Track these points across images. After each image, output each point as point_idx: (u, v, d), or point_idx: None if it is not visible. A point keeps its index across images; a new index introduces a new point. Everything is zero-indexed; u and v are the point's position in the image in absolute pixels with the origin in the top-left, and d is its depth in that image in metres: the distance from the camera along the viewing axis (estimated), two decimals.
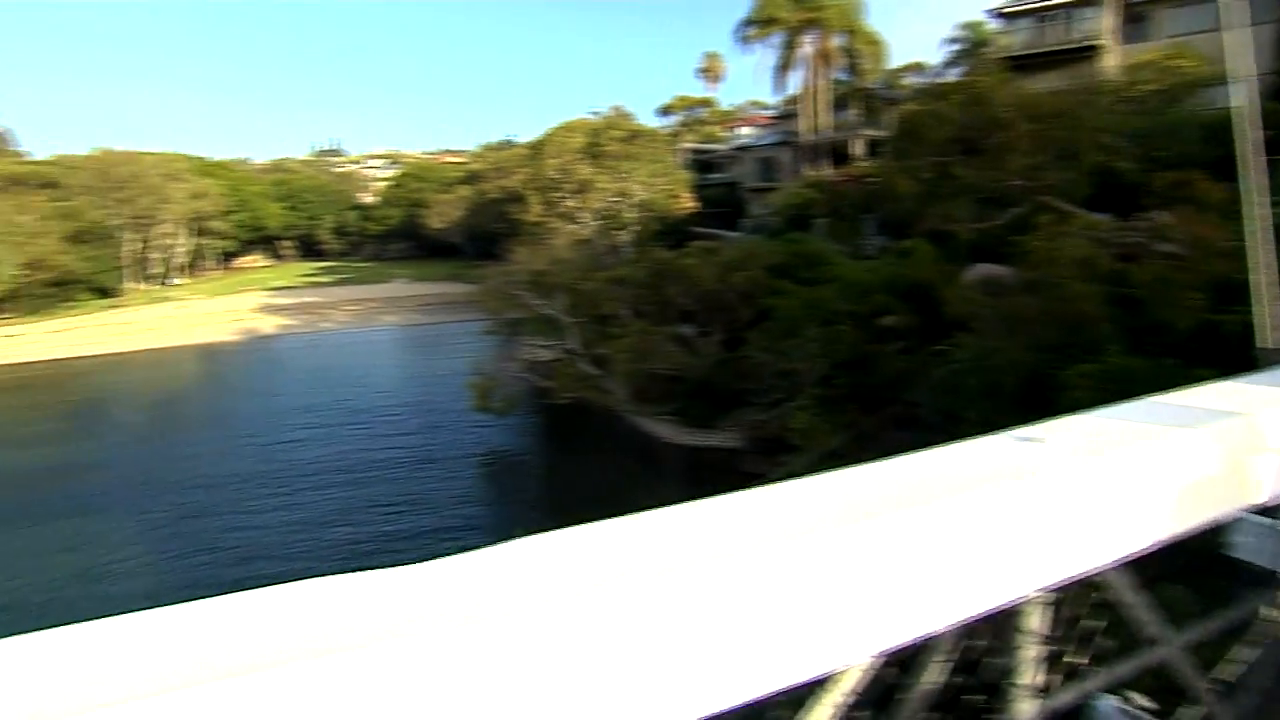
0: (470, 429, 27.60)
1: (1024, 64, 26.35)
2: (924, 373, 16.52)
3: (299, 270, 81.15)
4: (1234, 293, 11.66)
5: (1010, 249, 16.30)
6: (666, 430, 23.79)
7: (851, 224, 28.38)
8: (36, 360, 44.87)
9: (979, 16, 36.55)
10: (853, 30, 34.77)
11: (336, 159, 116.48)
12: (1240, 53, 4.03)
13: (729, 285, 23.78)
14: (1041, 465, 1.22)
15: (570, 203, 34.17)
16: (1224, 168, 16.07)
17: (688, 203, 37.49)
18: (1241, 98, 3.85)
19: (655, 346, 23.60)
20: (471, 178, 71.43)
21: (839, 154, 36.26)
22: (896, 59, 38.96)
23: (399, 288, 66.97)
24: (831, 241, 26.27)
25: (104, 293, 61.06)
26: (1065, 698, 1.51)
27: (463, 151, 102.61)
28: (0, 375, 41.90)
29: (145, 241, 64.71)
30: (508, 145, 77.10)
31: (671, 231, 33.76)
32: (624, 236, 33.49)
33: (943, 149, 17.99)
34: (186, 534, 19.17)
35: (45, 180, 60.45)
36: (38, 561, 17.82)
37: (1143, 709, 1.91)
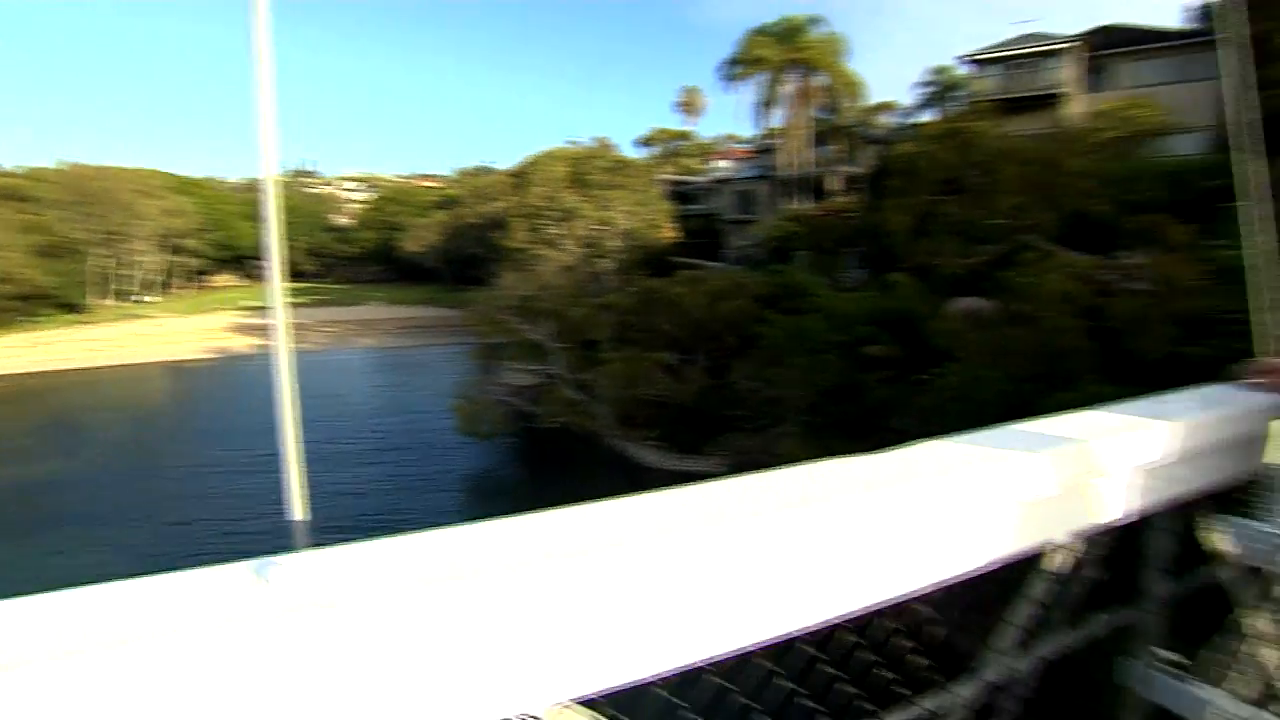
0: (455, 451, 27.66)
1: (996, 107, 27.67)
2: (908, 400, 17.15)
3: (262, 292, 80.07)
4: (1201, 326, 12.52)
5: (992, 284, 17.12)
6: (652, 455, 24.19)
7: (833, 257, 29.25)
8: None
9: (947, 61, 38.24)
10: (833, 70, 36.09)
11: (311, 180, 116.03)
12: (1231, 101, 4.63)
13: (716, 314, 24.42)
14: (889, 482, 1.22)
15: (554, 230, 34.66)
16: (1184, 211, 17.27)
17: (669, 233, 38.24)
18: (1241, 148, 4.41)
19: (642, 373, 24.09)
20: (449, 202, 71.76)
21: (817, 189, 37.37)
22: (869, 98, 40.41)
23: (375, 310, 66.75)
24: (814, 274, 27.07)
25: (71, 308, 59.92)
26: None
27: (438, 176, 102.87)
28: None
29: (117, 258, 63.75)
30: (486, 171, 77.63)
31: (654, 261, 34.41)
32: (607, 264, 34.02)
33: (932, 188, 18.91)
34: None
35: (13, 193, 59.42)
36: None
37: None
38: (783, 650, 1.26)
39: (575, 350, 27.07)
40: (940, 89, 37.91)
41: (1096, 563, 1.83)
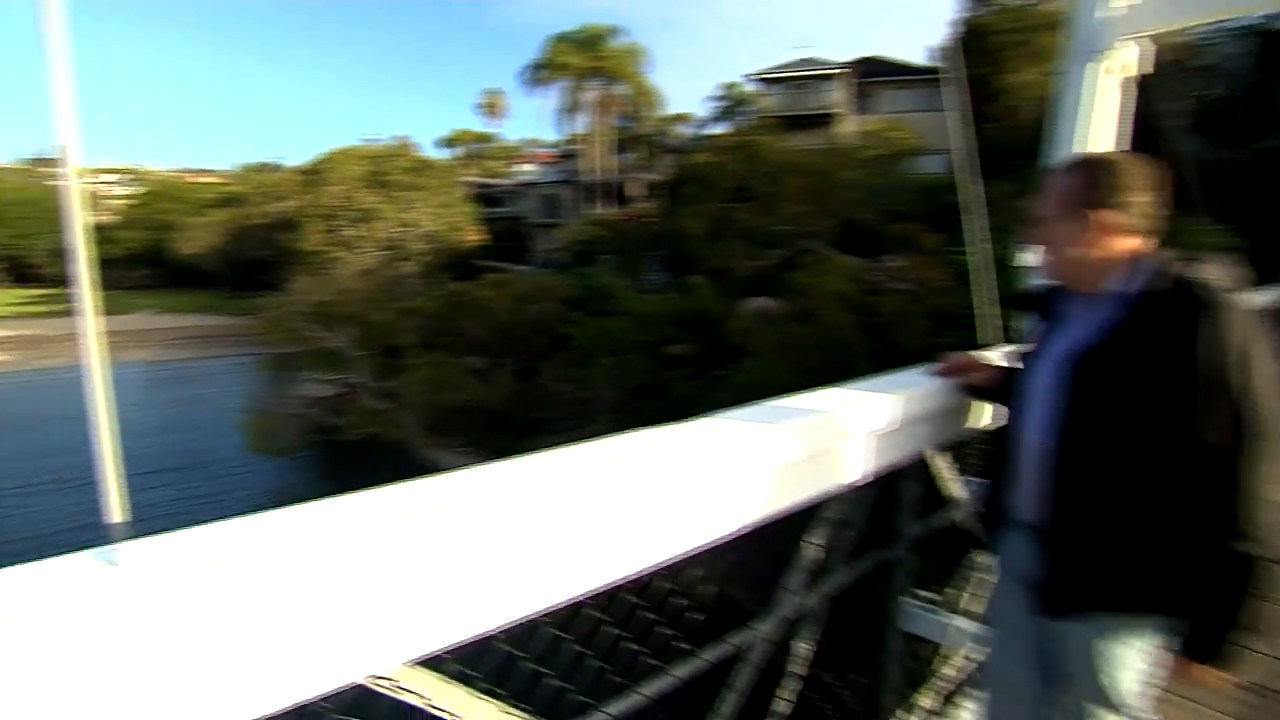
0: (247, 471, 25.49)
1: (780, 123, 30.14)
2: (709, 395, 18.22)
3: (7, 299, 69.27)
4: (949, 320, 14.45)
5: (779, 285, 18.61)
6: (463, 461, 23.73)
7: (636, 260, 30.28)
8: None
9: (735, 78, 40.89)
10: (633, 80, 37.39)
11: (56, 169, 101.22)
12: (956, 129, 5.46)
13: (524, 317, 24.46)
14: (652, 455, 1.27)
15: (352, 231, 33.00)
16: (935, 221, 19.81)
17: (475, 235, 37.71)
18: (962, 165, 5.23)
19: (450, 378, 23.60)
20: (230, 200, 65.78)
21: (620, 194, 38.53)
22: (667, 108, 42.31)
23: (145, 320, 59.60)
24: (618, 276, 27.89)
25: None
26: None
27: (215, 172, 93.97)
28: None
29: None
30: (272, 168, 72.07)
31: (459, 264, 33.80)
32: (411, 267, 32.94)
33: (725, 195, 20.24)
34: None
35: None
36: None
37: None
38: (570, 615, 1.35)
39: (378, 357, 25.94)
40: (731, 104, 40.41)
41: (861, 511, 2.13)
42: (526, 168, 50.09)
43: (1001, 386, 1.98)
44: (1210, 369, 1.46)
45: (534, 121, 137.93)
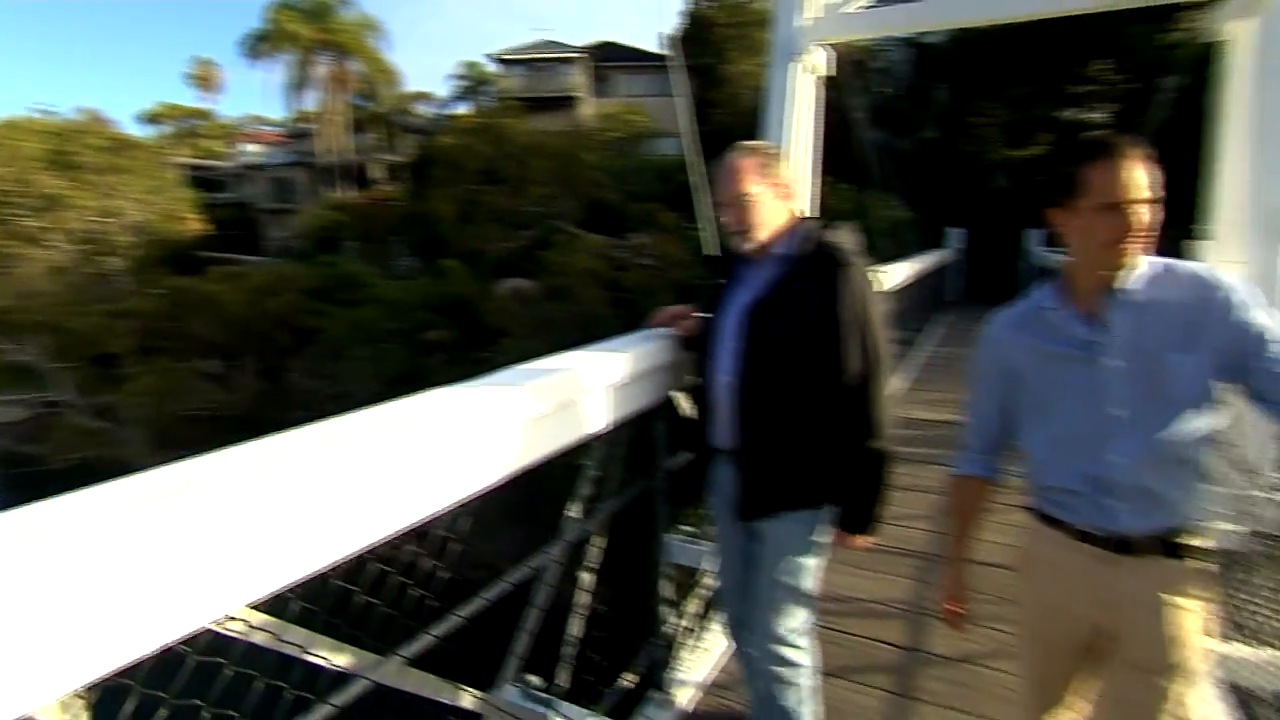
0: None
1: (522, 105, 30.36)
2: (472, 378, 18.30)
3: None
4: (690, 292, 15.84)
5: (533, 264, 19.05)
6: None
7: (383, 246, 29.07)
8: None
9: (476, 57, 40.41)
10: (367, 56, 35.45)
11: None
12: (684, 114, 6.17)
13: (264, 311, 22.60)
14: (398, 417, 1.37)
15: (34, 222, 28.11)
16: (672, 200, 21.34)
17: (196, 224, 33.80)
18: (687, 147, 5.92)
19: (179, 385, 21.25)
20: None
21: (360, 177, 36.55)
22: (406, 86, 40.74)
23: None
24: (365, 263, 26.68)
25: None
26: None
27: None
28: None
29: None
30: None
31: (180, 257, 30.17)
32: (118, 263, 28.85)
33: (473, 177, 20.13)
34: None
35: None
36: None
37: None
38: (391, 553, 1.46)
39: (85, 369, 22.60)
40: (473, 84, 39.83)
41: (620, 449, 2.43)
42: (251, 148, 45.52)
43: (699, 336, 2.26)
44: (846, 314, 1.93)
45: (256, 98, 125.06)
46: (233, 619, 1.28)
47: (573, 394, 1.93)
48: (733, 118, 19.34)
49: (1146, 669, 1.57)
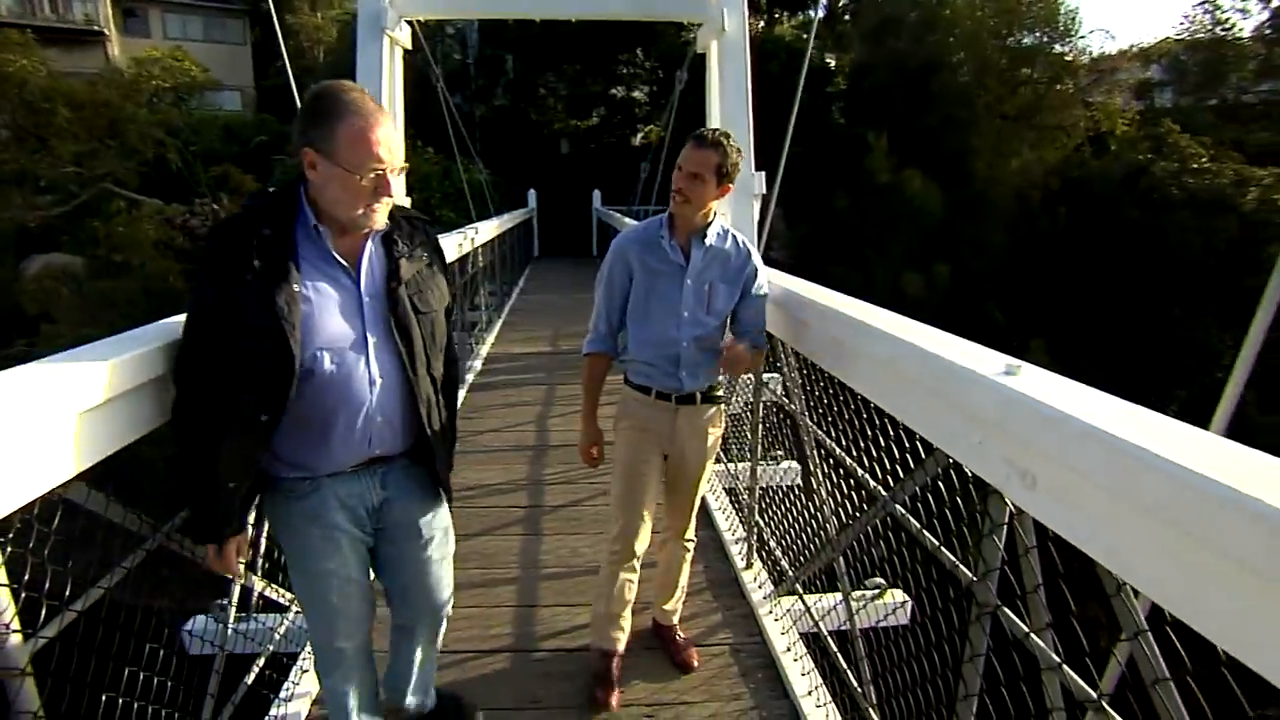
0: None
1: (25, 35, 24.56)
2: None
3: None
4: None
5: (76, 236, 16.25)
6: None
7: None
8: None
9: None
10: None
11: None
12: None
13: None
14: None
15: None
16: (244, 162, 19.71)
17: None
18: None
19: None
20: None
21: None
22: None
23: None
24: None
25: None
26: None
27: None
28: None
29: None
30: None
31: None
32: None
33: None
34: None
35: None
36: None
37: None
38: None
39: None
40: None
41: None
42: None
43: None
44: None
45: None
46: None
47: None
48: (306, 74, 18.52)
49: (690, 475, 2.52)
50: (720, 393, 2.53)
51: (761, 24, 24.28)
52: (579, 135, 24.56)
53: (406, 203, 4.23)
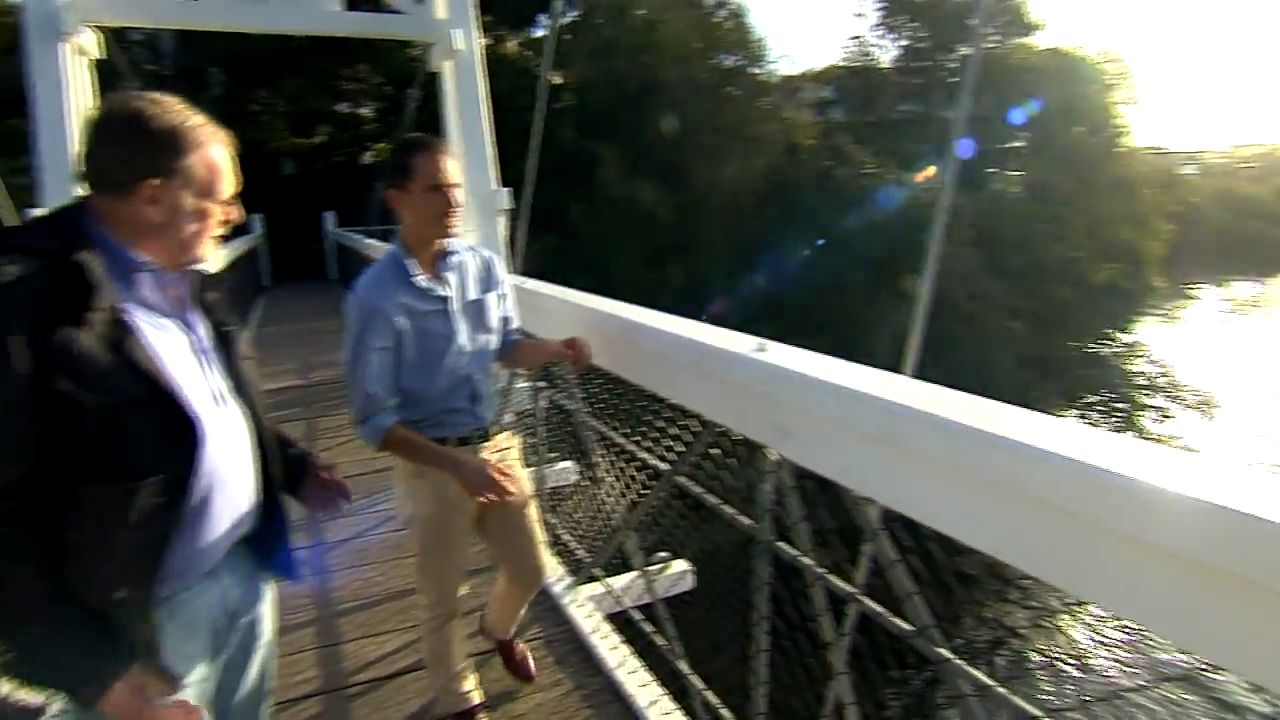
0: None
1: None
2: None
3: None
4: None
5: None
6: None
7: None
8: None
9: None
10: None
11: None
12: None
13: None
14: None
15: None
16: None
17: None
18: None
19: None
20: None
21: None
22: None
23: None
24: None
25: None
26: None
27: None
28: None
29: None
30: None
31: None
32: None
33: None
34: None
35: None
36: None
37: None
38: None
39: None
40: None
41: None
42: None
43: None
44: None
45: None
46: None
47: None
48: None
49: (520, 508, 2.31)
50: (506, 416, 2.57)
51: (488, 43, 24.41)
52: (304, 155, 22.94)
53: None
